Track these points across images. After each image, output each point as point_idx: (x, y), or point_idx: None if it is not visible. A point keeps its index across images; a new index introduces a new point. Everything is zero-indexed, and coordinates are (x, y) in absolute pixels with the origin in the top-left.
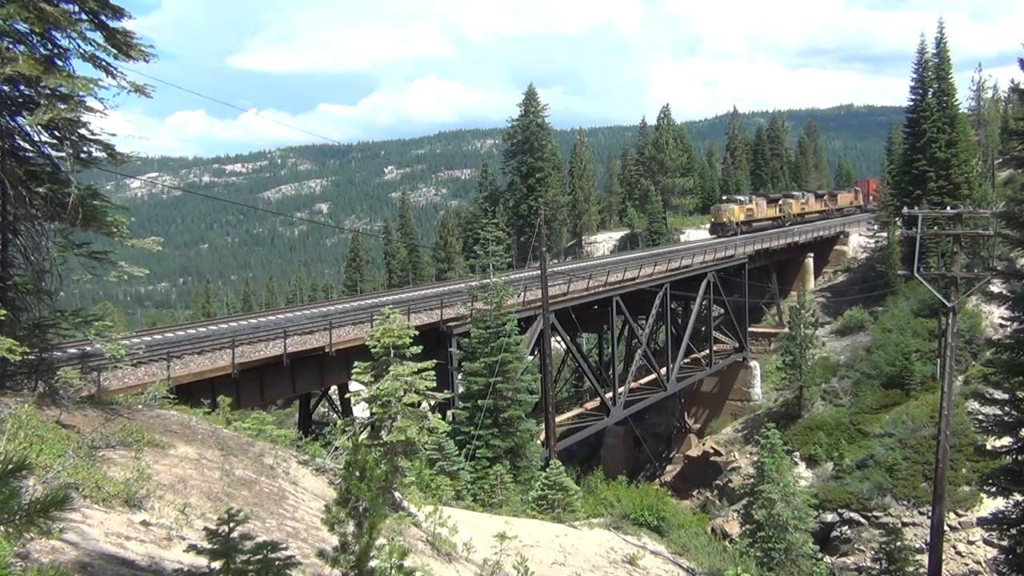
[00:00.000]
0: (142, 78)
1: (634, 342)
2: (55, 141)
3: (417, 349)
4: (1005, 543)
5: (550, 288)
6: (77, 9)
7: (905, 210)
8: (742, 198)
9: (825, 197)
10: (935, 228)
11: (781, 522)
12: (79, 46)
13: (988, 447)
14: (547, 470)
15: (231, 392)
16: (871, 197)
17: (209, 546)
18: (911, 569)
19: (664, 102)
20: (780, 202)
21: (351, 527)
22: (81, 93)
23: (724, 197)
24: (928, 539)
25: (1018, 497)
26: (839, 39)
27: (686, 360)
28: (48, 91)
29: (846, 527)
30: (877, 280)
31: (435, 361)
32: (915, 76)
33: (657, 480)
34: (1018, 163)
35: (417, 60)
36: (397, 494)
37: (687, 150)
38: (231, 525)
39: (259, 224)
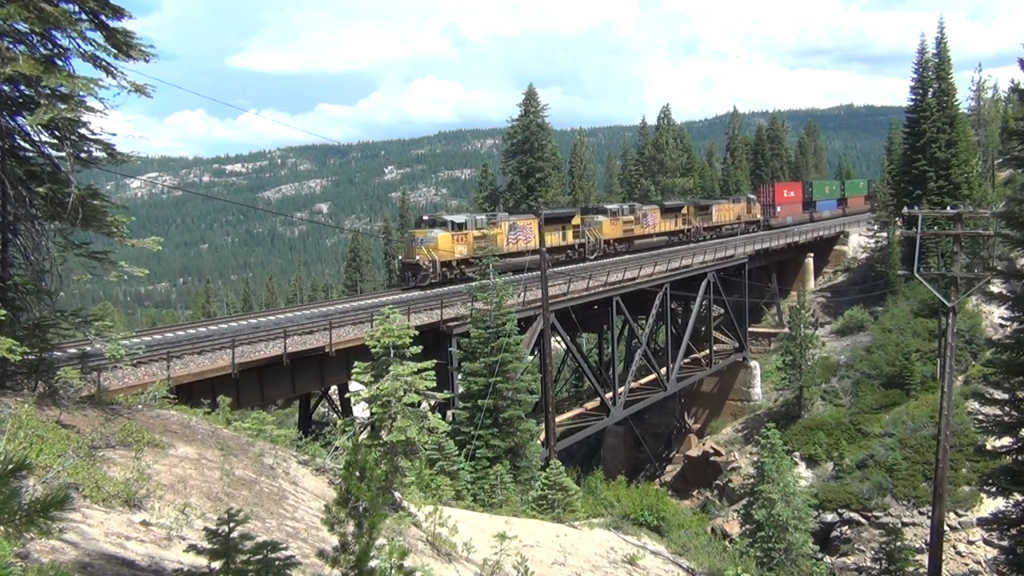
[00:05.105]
0: (142, 78)
1: (634, 342)
2: (55, 141)
3: (417, 349)
4: (1005, 543)
5: (550, 288)
6: (77, 9)
7: (905, 210)
8: (462, 219)
9: (684, 211)
10: (935, 228)
11: (781, 522)
12: (79, 46)
13: (988, 447)
14: (547, 470)
15: (231, 392)
16: (776, 208)
17: (209, 546)
18: (911, 569)
19: (663, 102)
20: (573, 222)
21: (351, 527)
22: (81, 93)
23: (426, 216)
24: (928, 539)
25: (1018, 497)
26: (836, 39)
27: (686, 360)
28: (48, 91)
29: (846, 527)
30: (877, 280)
31: (435, 361)
32: (915, 76)
33: (657, 480)
34: (1018, 163)
35: (416, 60)
36: (397, 494)
37: (687, 150)
38: (231, 525)
39: (259, 224)
